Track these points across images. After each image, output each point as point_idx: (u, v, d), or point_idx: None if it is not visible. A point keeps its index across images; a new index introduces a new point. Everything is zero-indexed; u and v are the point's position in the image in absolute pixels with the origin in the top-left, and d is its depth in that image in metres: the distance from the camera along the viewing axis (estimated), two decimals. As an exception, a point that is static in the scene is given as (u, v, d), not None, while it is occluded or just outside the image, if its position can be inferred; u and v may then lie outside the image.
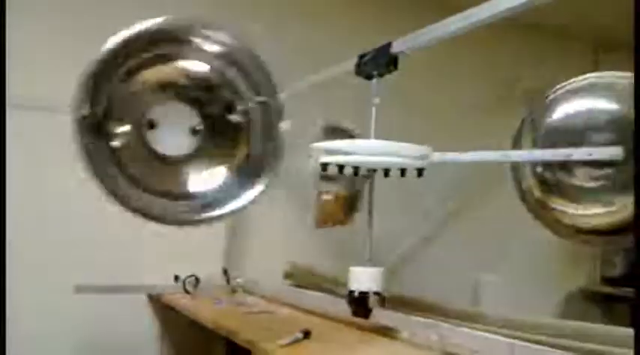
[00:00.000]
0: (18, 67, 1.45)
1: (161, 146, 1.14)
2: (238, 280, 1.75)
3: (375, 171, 1.21)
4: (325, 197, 1.72)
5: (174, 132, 1.16)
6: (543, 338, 0.97)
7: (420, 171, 1.18)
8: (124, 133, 1.11)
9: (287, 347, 1.03)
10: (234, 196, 1.18)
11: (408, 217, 2.21)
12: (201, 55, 1.16)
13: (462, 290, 2.31)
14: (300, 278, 1.84)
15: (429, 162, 1.18)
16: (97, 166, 1.07)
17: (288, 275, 1.89)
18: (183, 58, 1.16)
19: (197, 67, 1.18)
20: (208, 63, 1.17)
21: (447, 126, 2.21)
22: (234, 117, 1.18)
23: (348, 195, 1.73)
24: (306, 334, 1.12)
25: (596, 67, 2.49)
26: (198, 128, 1.18)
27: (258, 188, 1.18)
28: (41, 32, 1.74)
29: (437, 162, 1.19)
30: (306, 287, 1.71)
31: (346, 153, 1.11)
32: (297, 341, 1.07)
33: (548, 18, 2.23)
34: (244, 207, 1.21)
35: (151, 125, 1.13)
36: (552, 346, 0.94)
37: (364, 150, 1.13)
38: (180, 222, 1.18)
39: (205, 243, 1.85)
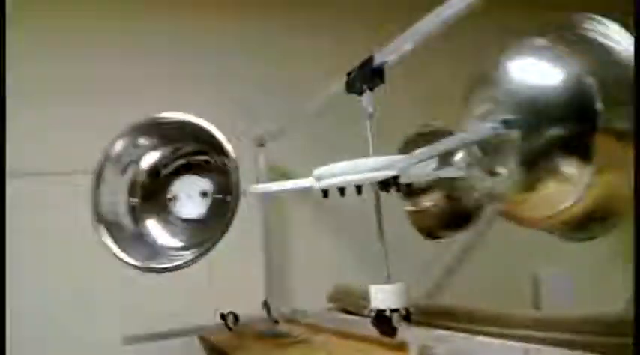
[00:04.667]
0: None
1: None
2: (280, 310, 1.75)
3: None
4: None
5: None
6: (571, 336, 0.92)
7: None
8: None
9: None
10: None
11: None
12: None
13: (521, 289, 2.22)
14: (345, 300, 1.82)
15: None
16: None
17: (332, 299, 1.88)
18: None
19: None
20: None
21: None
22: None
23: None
24: (327, 361, 1.10)
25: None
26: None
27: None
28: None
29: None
30: (352, 310, 1.70)
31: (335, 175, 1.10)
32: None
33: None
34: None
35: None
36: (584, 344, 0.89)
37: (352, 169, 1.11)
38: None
39: (247, 278, 1.89)
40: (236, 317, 1.71)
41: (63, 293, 1.77)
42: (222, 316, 1.79)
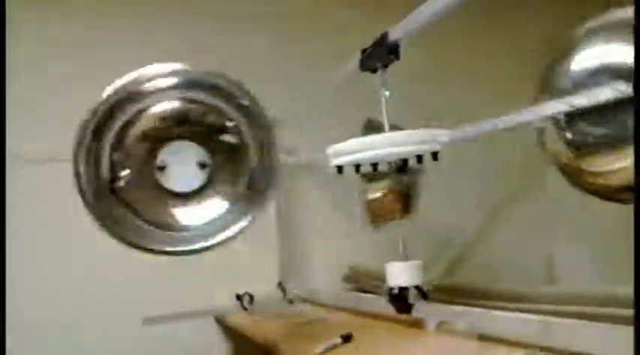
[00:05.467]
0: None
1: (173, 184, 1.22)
2: (295, 291, 1.77)
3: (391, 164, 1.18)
4: (371, 196, 1.69)
5: (184, 170, 1.21)
6: (587, 309, 0.91)
7: (434, 155, 1.14)
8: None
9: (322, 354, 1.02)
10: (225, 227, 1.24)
11: (462, 205, 2.15)
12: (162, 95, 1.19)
13: (536, 269, 2.21)
14: (360, 280, 1.82)
15: (442, 142, 1.13)
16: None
17: (347, 279, 1.88)
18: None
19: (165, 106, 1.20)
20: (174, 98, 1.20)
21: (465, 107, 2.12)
22: (228, 138, 1.20)
23: (399, 191, 1.69)
24: (347, 338, 1.11)
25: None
26: (207, 162, 1.23)
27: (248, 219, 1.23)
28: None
29: (452, 140, 1.15)
30: (368, 290, 1.70)
31: (353, 152, 1.09)
32: (334, 347, 1.07)
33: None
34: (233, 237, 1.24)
35: (160, 168, 1.20)
36: (598, 316, 0.89)
37: (370, 146, 1.10)
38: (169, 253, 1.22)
39: (262, 258, 1.90)
40: (252, 297, 1.73)
41: (63, 290, 1.77)
42: (238, 297, 1.81)
